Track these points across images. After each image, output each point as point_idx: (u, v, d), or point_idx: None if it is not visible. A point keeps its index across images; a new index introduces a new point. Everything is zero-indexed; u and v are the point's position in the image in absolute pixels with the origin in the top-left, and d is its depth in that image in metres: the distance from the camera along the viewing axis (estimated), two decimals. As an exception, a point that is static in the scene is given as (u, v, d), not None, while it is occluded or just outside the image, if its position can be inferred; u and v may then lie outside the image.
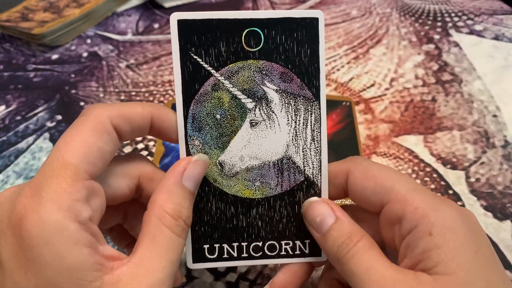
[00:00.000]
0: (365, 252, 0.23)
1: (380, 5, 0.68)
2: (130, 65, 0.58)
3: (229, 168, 0.26)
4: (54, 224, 0.20)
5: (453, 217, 0.22)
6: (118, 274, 0.21)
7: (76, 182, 0.21)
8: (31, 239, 0.19)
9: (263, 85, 0.26)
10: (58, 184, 0.20)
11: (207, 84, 0.26)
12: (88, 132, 0.22)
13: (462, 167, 0.43)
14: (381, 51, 0.58)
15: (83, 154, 0.21)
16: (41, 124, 0.50)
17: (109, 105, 0.24)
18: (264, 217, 0.27)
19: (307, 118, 0.26)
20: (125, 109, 0.24)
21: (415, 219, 0.22)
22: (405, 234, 0.23)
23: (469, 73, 0.54)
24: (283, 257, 0.27)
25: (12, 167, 0.45)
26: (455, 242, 0.21)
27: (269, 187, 0.27)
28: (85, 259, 0.20)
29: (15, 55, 0.61)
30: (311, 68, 0.26)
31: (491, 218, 0.39)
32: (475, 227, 0.23)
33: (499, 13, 0.65)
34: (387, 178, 0.24)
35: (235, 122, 0.26)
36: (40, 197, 0.20)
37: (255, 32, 0.25)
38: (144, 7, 0.70)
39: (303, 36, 0.26)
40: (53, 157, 0.21)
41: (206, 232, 0.27)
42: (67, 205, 0.20)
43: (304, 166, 0.27)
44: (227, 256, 0.27)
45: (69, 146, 0.21)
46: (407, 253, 0.23)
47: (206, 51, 0.25)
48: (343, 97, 0.50)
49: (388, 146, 0.45)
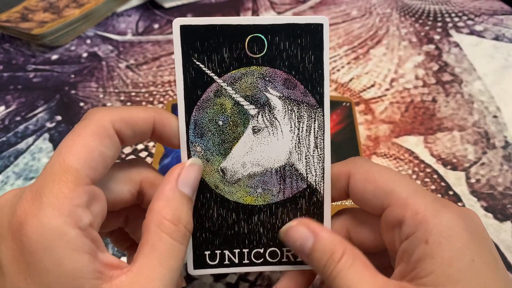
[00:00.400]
0: (348, 269, 0.23)
1: (380, 5, 0.68)
2: (130, 66, 0.58)
3: (231, 175, 0.26)
4: (54, 229, 0.19)
5: (452, 224, 0.22)
6: (117, 284, 0.20)
7: (77, 187, 0.21)
8: (31, 244, 0.19)
9: (266, 92, 0.26)
10: (59, 189, 0.20)
11: (210, 90, 0.26)
12: (90, 137, 0.22)
13: (463, 168, 0.43)
14: (381, 52, 0.58)
15: (84, 158, 0.21)
16: (41, 125, 0.50)
17: (111, 109, 0.24)
18: (266, 224, 0.27)
19: (311, 125, 0.26)
20: (127, 114, 0.24)
21: (414, 224, 0.22)
22: (404, 239, 0.23)
23: (469, 73, 0.54)
24: (285, 264, 0.27)
25: (11, 168, 0.45)
26: (450, 251, 0.21)
27: (271, 194, 0.27)
28: (84, 266, 0.20)
29: (15, 56, 0.61)
30: (315, 74, 0.26)
31: (491, 219, 0.39)
32: (477, 231, 0.22)
33: (499, 14, 0.64)
34: (387, 180, 0.24)
35: (238, 129, 0.26)
36: (40, 201, 0.20)
37: (259, 38, 0.25)
38: (144, 7, 0.70)
39: (307, 42, 0.25)
40: (55, 160, 0.21)
41: (207, 238, 0.27)
42: (67, 211, 0.20)
43: (306, 174, 0.26)
44: (228, 263, 0.27)
45: (70, 150, 0.21)
46: (404, 258, 0.23)
47: (209, 57, 0.25)
48: (343, 98, 0.50)
49: (388, 146, 0.45)
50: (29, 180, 0.44)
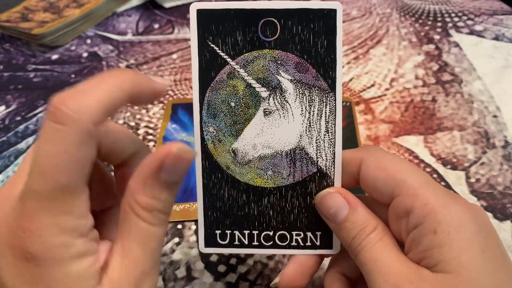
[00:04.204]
0: (375, 243, 0.23)
1: (380, 5, 0.68)
2: (130, 66, 0.58)
3: (242, 156, 0.27)
4: (60, 245, 0.19)
5: (461, 215, 0.22)
6: (112, 271, 0.21)
7: (74, 201, 0.20)
8: (37, 261, 0.19)
9: (277, 75, 0.26)
10: (56, 206, 0.19)
11: (223, 72, 0.26)
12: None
13: (462, 167, 0.43)
14: (381, 52, 0.58)
15: (72, 170, 0.19)
16: (41, 125, 0.50)
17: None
18: (275, 206, 0.27)
19: (322, 109, 0.26)
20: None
21: (422, 215, 0.22)
22: (411, 229, 0.23)
23: (469, 73, 0.54)
24: (294, 248, 0.27)
25: (12, 168, 0.45)
26: (460, 241, 0.21)
27: (281, 176, 0.27)
28: (89, 267, 0.20)
29: (15, 55, 0.61)
30: (328, 59, 0.26)
31: (491, 218, 0.39)
32: (485, 225, 0.22)
33: (499, 13, 0.65)
34: (399, 170, 0.24)
35: (249, 111, 0.27)
36: (40, 221, 0.19)
37: (271, 22, 0.26)
38: (144, 7, 0.70)
39: (320, 27, 0.26)
40: (44, 176, 0.19)
41: (218, 218, 0.27)
42: (70, 226, 0.20)
43: (317, 158, 0.27)
44: (238, 243, 0.27)
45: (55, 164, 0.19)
46: (412, 247, 0.23)
47: (223, 40, 0.26)
48: (343, 98, 0.50)
49: (388, 146, 0.45)
50: (29, 179, 0.44)
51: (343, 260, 0.28)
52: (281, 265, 0.36)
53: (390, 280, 0.22)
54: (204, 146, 0.27)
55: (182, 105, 0.50)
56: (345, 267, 0.27)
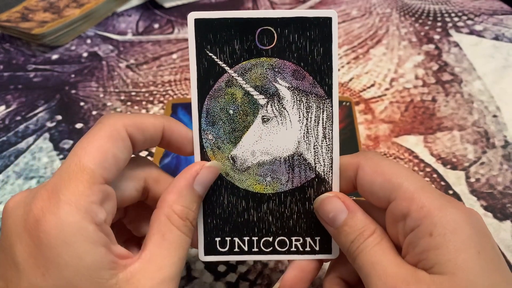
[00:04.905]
0: (373, 247, 0.24)
1: (380, 5, 0.68)
2: (130, 65, 0.58)
3: (241, 163, 0.27)
4: (73, 225, 0.20)
5: (456, 218, 0.22)
6: (131, 271, 0.22)
7: (92, 185, 0.22)
8: (49, 240, 0.20)
9: (275, 82, 0.27)
10: (75, 186, 0.21)
11: (221, 80, 0.27)
12: (105, 139, 0.23)
13: (462, 167, 0.43)
14: (381, 51, 0.58)
15: (99, 159, 0.22)
16: (41, 125, 0.50)
17: (124, 115, 0.25)
18: (274, 212, 0.27)
19: (319, 115, 0.27)
20: (139, 119, 0.25)
21: (418, 218, 0.23)
22: (408, 232, 0.23)
23: (469, 73, 0.54)
24: (294, 254, 0.28)
25: (12, 167, 0.45)
26: (456, 243, 0.21)
27: (280, 182, 0.27)
28: (102, 258, 0.21)
29: (15, 55, 0.61)
30: (324, 66, 0.26)
31: (491, 218, 0.39)
32: (480, 228, 0.23)
33: (499, 13, 0.65)
34: (396, 174, 0.24)
35: (248, 118, 0.27)
36: (58, 199, 0.21)
37: (268, 31, 0.26)
38: (144, 7, 0.70)
39: (316, 35, 0.26)
40: (71, 161, 0.22)
41: (217, 225, 0.27)
42: (85, 207, 0.21)
43: (315, 163, 0.27)
44: (238, 250, 0.28)
45: (86, 151, 0.22)
46: (409, 250, 0.23)
47: (221, 49, 0.26)
48: (343, 97, 0.50)
49: (388, 146, 0.45)
50: (29, 179, 0.44)
51: (342, 265, 0.28)
52: (281, 265, 0.36)
53: (388, 282, 0.22)
54: (203, 154, 0.27)
55: (182, 105, 0.50)
56: (344, 272, 0.28)
